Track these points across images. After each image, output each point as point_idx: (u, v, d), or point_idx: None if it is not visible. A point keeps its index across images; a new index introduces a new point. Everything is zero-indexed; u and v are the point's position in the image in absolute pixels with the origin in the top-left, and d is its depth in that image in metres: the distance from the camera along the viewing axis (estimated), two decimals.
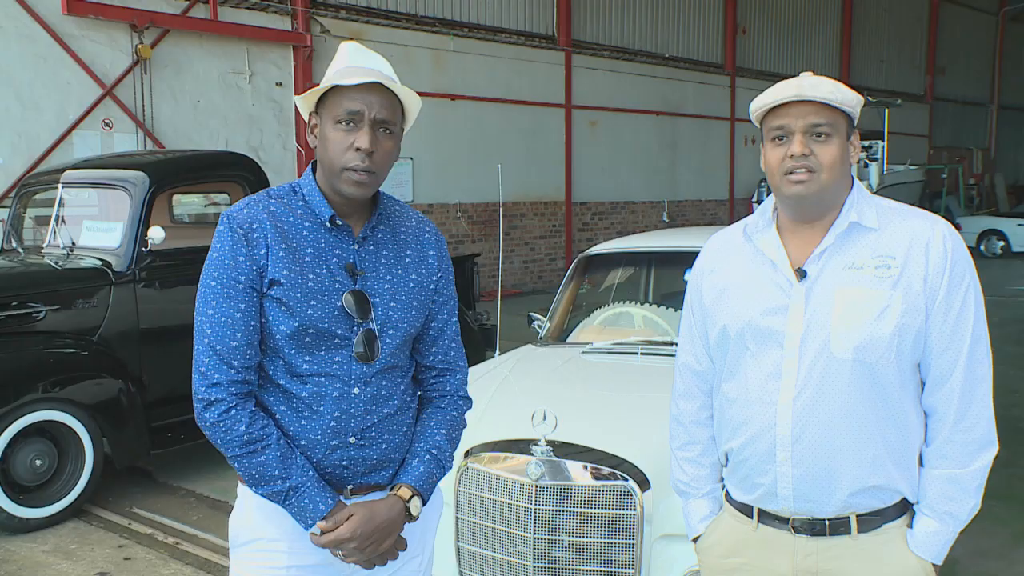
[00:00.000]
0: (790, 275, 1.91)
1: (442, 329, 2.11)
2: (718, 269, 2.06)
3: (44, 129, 9.97)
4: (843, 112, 1.87)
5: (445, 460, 2.08)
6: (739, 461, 2.00)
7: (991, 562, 4.41)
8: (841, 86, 1.88)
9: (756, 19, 20.67)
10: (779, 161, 1.88)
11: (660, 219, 18.05)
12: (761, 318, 1.92)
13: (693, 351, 2.13)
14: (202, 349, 1.89)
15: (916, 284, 1.84)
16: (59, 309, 5.33)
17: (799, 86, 1.86)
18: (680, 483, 2.20)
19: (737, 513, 2.05)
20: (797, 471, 1.89)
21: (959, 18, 27.95)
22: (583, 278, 4.90)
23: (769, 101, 1.89)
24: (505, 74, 14.91)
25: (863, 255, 1.88)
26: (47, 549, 4.79)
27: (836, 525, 1.91)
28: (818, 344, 1.86)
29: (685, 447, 2.17)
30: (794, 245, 1.94)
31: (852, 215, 1.90)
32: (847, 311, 1.85)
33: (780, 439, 1.89)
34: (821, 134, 1.85)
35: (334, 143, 1.89)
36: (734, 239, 2.07)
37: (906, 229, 1.88)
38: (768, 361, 1.91)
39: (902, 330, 1.83)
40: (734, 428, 2.00)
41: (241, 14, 11.54)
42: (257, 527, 1.99)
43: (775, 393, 1.90)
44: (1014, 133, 31.28)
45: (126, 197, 5.61)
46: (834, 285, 1.87)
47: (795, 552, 1.94)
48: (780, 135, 1.89)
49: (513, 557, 2.97)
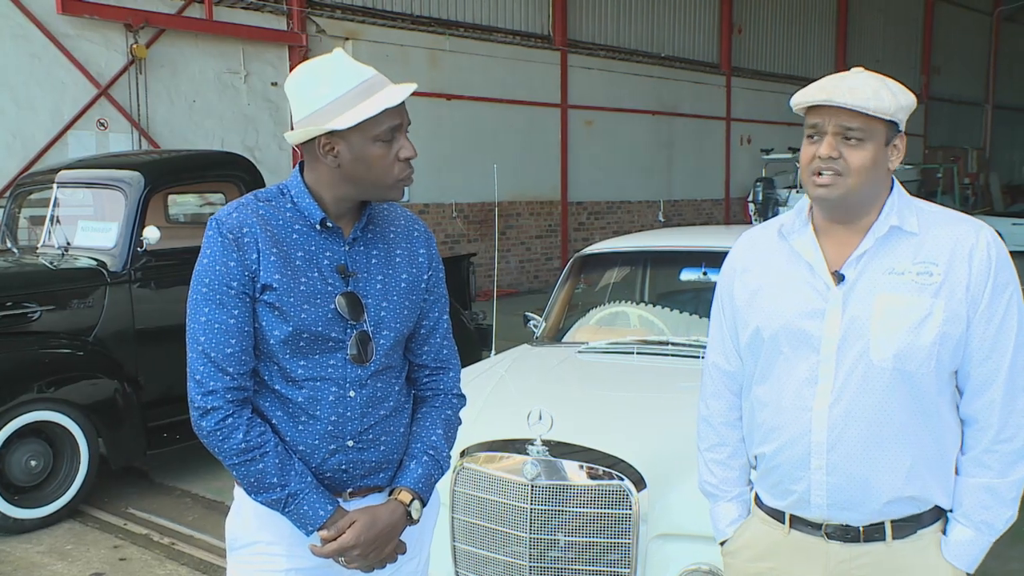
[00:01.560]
0: (827, 278, 1.87)
1: (434, 327, 2.10)
2: (751, 268, 2.00)
3: (39, 129, 9.95)
4: (881, 118, 1.80)
5: (443, 460, 2.07)
6: (771, 467, 1.95)
7: (987, 559, 4.40)
8: (885, 91, 1.81)
9: (752, 19, 20.68)
10: (809, 160, 1.84)
11: (656, 219, 18.03)
12: (797, 321, 1.87)
13: (723, 351, 2.08)
14: (196, 357, 1.87)
15: (959, 292, 1.80)
16: (54, 309, 5.32)
17: (832, 89, 1.80)
18: (708, 485, 2.15)
19: (767, 518, 2.01)
20: (832, 479, 1.86)
21: (954, 18, 27.98)
22: (579, 278, 4.90)
23: (803, 100, 1.84)
24: (501, 74, 14.91)
25: (904, 260, 1.83)
26: (42, 550, 4.78)
27: (871, 532, 1.88)
28: (857, 350, 1.82)
29: (714, 448, 2.12)
30: (830, 247, 1.89)
31: (892, 219, 1.85)
32: (887, 318, 1.81)
33: (815, 446, 1.86)
34: (852, 138, 1.80)
35: (380, 159, 1.86)
36: (768, 238, 2.01)
37: (949, 235, 1.84)
38: (804, 366, 1.87)
39: (943, 339, 1.80)
40: (766, 432, 1.95)
41: (237, 14, 11.52)
42: (255, 530, 1.98)
43: (811, 399, 1.86)
44: (1009, 133, 31.33)
45: (121, 197, 5.60)
46: (874, 290, 1.83)
47: (828, 558, 1.91)
48: (813, 133, 1.84)
49: (509, 557, 2.97)
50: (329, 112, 1.83)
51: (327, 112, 1.84)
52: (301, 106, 1.88)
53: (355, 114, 1.81)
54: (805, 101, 1.83)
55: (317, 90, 1.85)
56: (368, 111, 1.81)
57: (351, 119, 1.81)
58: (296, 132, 1.88)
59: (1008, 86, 30.82)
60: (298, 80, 1.89)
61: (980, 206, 25.67)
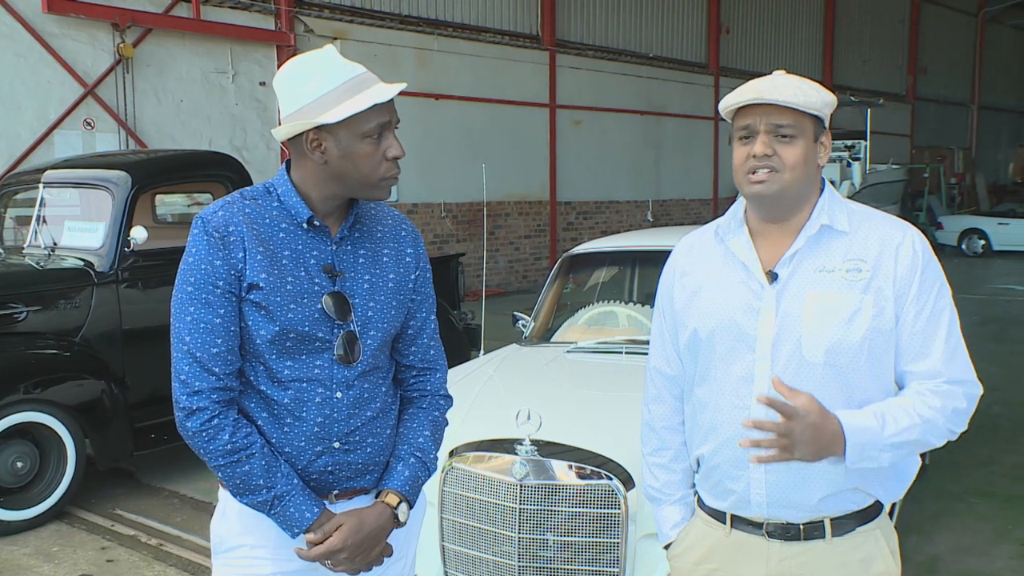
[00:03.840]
0: (761, 278, 1.89)
1: (421, 328, 2.09)
2: (689, 271, 2.03)
3: (25, 128, 9.90)
4: (810, 114, 1.85)
5: (430, 462, 2.07)
6: (711, 467, 1.98)
7: (972, 559, 4.45)
8: (808, 88, 1.86)
9: (739, 19, 20.75)
10: (743, 160, 1.87)
11: (644, 218, 18.08)
12: (733, 321, 1.90)
13: (664, 355, 2.11)
14: (181, 357, 1.85)
15: (886, 288, 1.84)
16: (41, 310, 5.30)
17: (759, 89, 1.84)
18: (652, 489, 2.17)
19: (709, 519, 2.03)
20: (770, 476, 1.88)
21: (940, 19, 28.14)
22: (567, 277, 4.91)
23: (734, 102, 1.87)
24: (489, 74, 14.91)
25: (834, 258, 1.87)
26: (28, 552, 4.75)
27: (811, 530, 1.90)
28: (790, 347, 1.85)
29: (656, 452, 2.14)
30: (765, 247, 1.93)
31: (823, 218, 1.89)
32: (818, 314, 1.84)
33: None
34: (785, 135, 1.84)
35: (367, 157, 1.86)
36: (705, 240, 2.04)
37: (877, 234, 1.88)
38: (740, 365, 1.89)
39: (873, 334, 1.83)
40: (705, 433, 1.97)
41: (224, 13, 11.48)
42: (240, 533, 1.96)
43: (748, 397, 1.88)
44: (994, 133, 31.55)
45: (108, 197, 5.58)
46: (805, 288, 1.86)
47: (769, 557, 1.93)
48: (746, 134, 1.88)
49: (498, 557, 2.98)
50: (318, 107, 1.82)
51: (316, 106, 1.82)
52: (290, 101, 1.86)
53: (344, 109, 1.81)
54: (735, 103, 1.87)
55: (307, 85, 1.84)
56: (358, 106, 1.80)
57: (340, 113, 1.80)
58: (284, 127, 1.86)
59: (993, 87, 31.05)
60: (288, 75, 1.88)
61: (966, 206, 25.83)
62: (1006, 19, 30.96)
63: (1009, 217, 21.14)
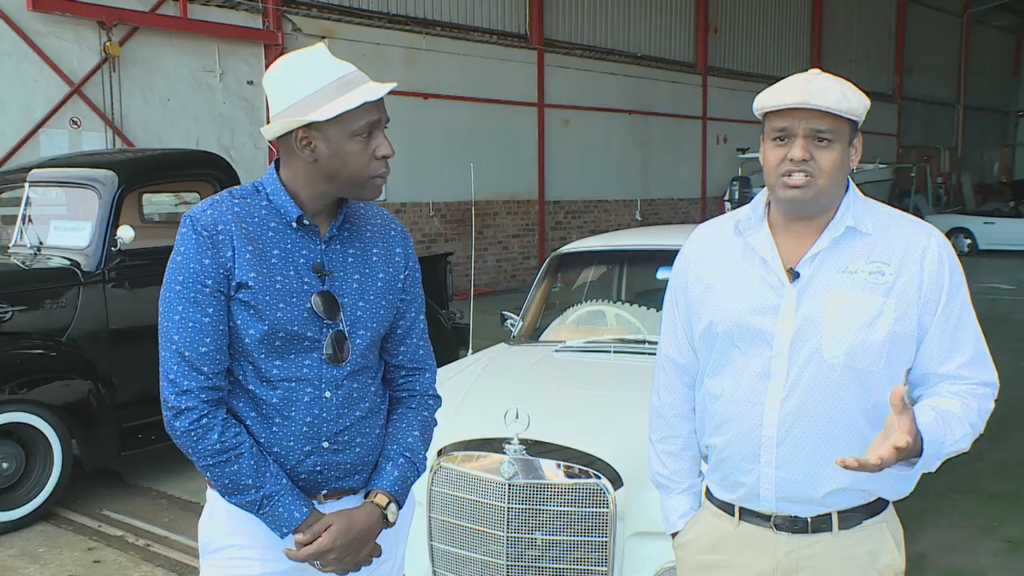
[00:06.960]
0: (782, 275, 1.88)
1: (410, 328, 2.09)
2: (705, 260, 2.02)
3: (10, 127, 9.83)
4: (847, 118, 1.83)
5: (419, 462, 2.07)
6: (721, 459, 1.98)
7: (956, 555, 4.48)
8: (849, 91, 1.83)
9: (727, 19, 20.80)
10: (778, 162, 1.84)
11: (633, 218, 18.12)
12: (750, 317, 1.89)
13: (676, 343, 2.09)
14: (170, 356, 1.84)
15: (911, 292, 1.83)
16: (27, 309, 5.26)
17: (804, 92, 1.79)
18: (660, 476, 2.17)
19: (718, 511, 2.04)
20: (781, 473, 1.89)
21: (925, 19, 28.29)
22: (556, 276, 4.92)
23: (773, 103, 1.83)
24: (478, 73, 14.90)
25: (857, 260, 1.86)
26: (14, 553, 4.72)
27: (818, 523, 1.91)
28: (810, 347, 1.84)
29: (665, 440, 2.14)
30: (786, 244, 1.91)
31: (849, 219, 1.87)
32: (839, 315, 1.83)
33: (765, 440, 1.88)
34: (823, 139, 1.81)
35: (357, 155, 1.85)
36: (723, 233, 2.02)
37: (901, 236, 1.87)
38: (757, 361, 1.89)
39: (894, 338, 1.83)
40: (717, 424, 1.97)
41: (211, 12, 11.43)
42: (228, 534, 1.96)
43: (763, 393, 1.88)
44: (979, 133, 31.74)
45: (95, 196, 5.55)
46: (827, 288, 1.85)
47: (776, 549, 1.94)
48: (782, 136, 1.84)
49: (487, 556, 2.98)
50: (308, 104, 1.82)
51: (306, 104, 1.82)
52: (280, 99, 1.86)
53: (335, 106, 1.80)
54: (776, 104, 1.83)
55: (297, 83, 1.84)
56: (348, 104, 1.80)
57: (331, 111, 1.80)
58: (273, 125, 1.86)
59: (979, 87, 31.23)
60: (278, 73, 1.88)
61: (952, 205, 25.99)
62: (991, 20, 31.14)
63: (995, 216, 21.32)
